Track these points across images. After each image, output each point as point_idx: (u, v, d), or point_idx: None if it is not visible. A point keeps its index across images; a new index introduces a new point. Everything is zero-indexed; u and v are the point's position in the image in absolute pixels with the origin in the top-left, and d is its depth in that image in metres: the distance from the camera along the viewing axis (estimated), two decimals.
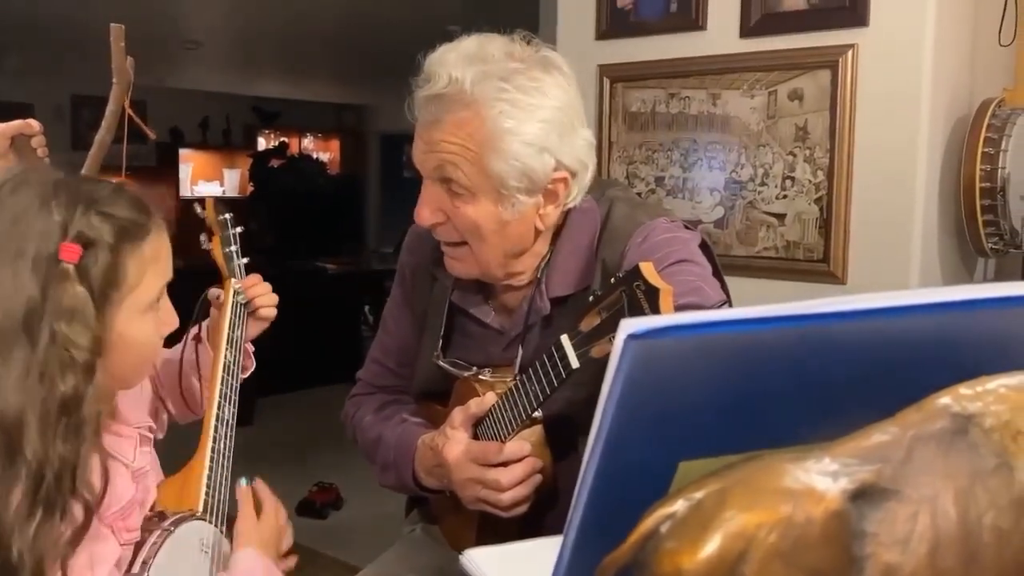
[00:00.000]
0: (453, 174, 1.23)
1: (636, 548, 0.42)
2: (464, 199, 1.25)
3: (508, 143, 1.21)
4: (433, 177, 1.26)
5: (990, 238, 2.24)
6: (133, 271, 1.02)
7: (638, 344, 0.40)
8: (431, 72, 1.24)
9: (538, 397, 1.17)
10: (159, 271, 1.06)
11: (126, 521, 1.07)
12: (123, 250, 1.01)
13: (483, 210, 1.25)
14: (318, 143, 10.52)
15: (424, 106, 1.25)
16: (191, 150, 9.32)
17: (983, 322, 0.48)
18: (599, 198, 1.35)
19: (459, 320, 1.43)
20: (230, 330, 1.31)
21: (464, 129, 1.22)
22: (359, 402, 1.55)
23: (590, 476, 0.44)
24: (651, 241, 1.28)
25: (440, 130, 1.23)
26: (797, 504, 0.41)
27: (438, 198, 1.27)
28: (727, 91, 2.39)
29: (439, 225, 1.29)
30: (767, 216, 2.36)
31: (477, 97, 1.21)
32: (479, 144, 1.21)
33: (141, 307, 1.04)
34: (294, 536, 1.27)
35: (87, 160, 1.70)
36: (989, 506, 0.43)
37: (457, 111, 1.21)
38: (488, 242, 1.28)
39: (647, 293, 1.00)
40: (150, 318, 1.06)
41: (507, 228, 1.27)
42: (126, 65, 1.64)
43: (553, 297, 1.33)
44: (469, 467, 1.24)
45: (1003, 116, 2.19)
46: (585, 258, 1.32)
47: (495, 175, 1.22)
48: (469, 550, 0.95)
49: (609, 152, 2.62)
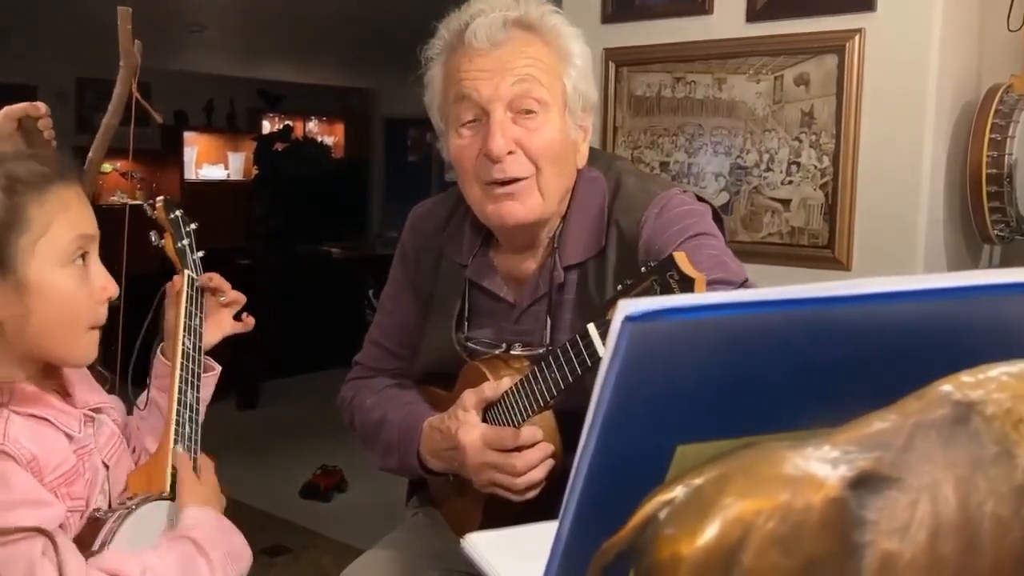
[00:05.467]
0: (533, 86, 1.28)
1: (634, 534, 0.42)
2: (537, 117, 1.29)
3: (573, 60, 1.32)
4: (506, 99, 1.28)
5: (996, 225, 2.23)
6: (37, 216, 1.06)
7: (636, 326, 0.40)
8: (481, 9, 1.30)
9: (558, 384, 1.17)
10: (70, 220, 1.09)
11: (69, 488, 1.09)
12: (21, 195, 1.05)
13: (555, 125, 1.30)
14: (323, 127, 10.50)
15: (484, 33, 1.28)
16: (195, 133, 9.32)
17: (985, 309, 0.47)
18: (606, 170, 1.39)
19: (472, 295, 1.43)
20: (187, 318, 1.33)
21: (533, 47, 1.29)
22: (357, 386, 1.54)
23: (587, 459, 0.44)
24: (668, 213, 1.30)
25: (511, 49, 1.28)
26: (796, 491, 0.41)
27: (509, 126, 1.29)
28: (733, 76, 2.38)
29: (510, 155, 1.29)
30: (772, 202, 2.35)
31: (539, 22, 1.30)
32: (552, 57, 1.30)
33: (57, 257, 1.08)
34: (298, 519, 1.28)
35: (94, 143, 1.70)
36: (989, 494, 0.43)
37: (524, 33, 1.29)
38: (556, 165, 1.31)
39: (681, 283, 1.01)
40: (72, 273, 1.09)
41: (568, 152, 1.33)
42: (133, 48, 1.63)
43: (566, 265, 1.34)
44: (485, 452, 1.24)
45: (1011, 102, 2.18)
46: (596, 225, 1.35)
47: (568, 89, 1.31)
48: (470, 534, 0.96)
49: (614, 137, 2.61)
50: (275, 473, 4.17)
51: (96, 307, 1.13)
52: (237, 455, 1.14)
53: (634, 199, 1.33)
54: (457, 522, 1.42)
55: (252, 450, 4.42)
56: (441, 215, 1.48)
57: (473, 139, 1.30)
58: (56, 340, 1.11)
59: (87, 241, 1.11)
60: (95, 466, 1.15)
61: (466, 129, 1.31)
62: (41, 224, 1.06)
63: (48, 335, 1.09)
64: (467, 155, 1.31)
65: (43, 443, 1.07)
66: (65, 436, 1.11)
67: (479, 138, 1.29)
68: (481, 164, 1.30)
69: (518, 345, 1.37)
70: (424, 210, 1.54)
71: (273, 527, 3.58)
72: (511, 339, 1.38)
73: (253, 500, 3.63)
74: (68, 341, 1.12)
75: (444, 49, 1.34)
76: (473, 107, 1.29)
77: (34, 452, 1.05)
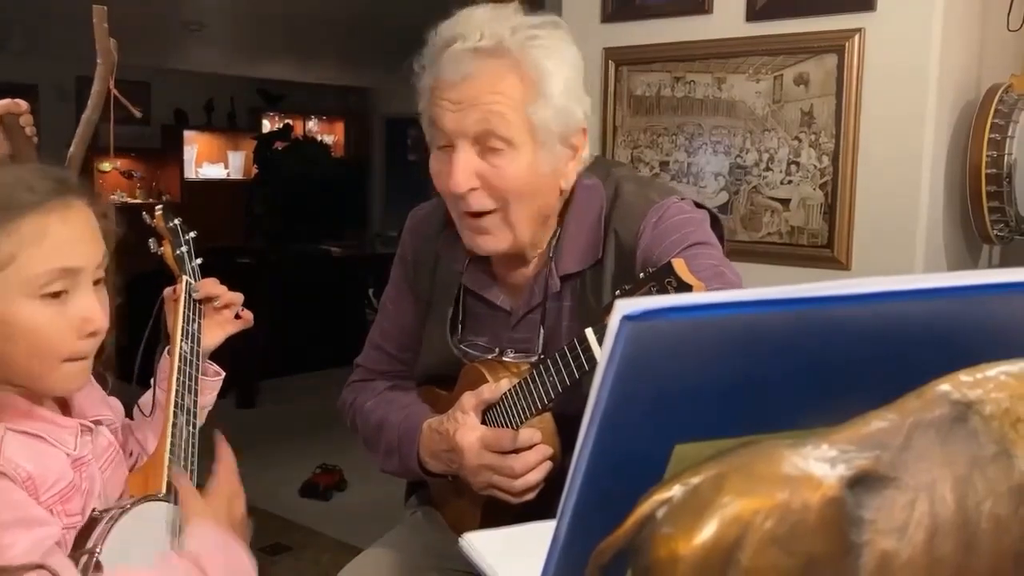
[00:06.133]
0: (497, 125, 1.23)
1: (632, 533, 0.42)
2: (503, 155, 1.25)
3: (551, 85, 1.25)
4: (470, 135, 1.25)
5: (995, 225, 2.23)
6: (4, 247, 0.98)
7: (633, 325, 0.40)
8: (459, 33, 1.25)
9: (556, 388, 1.17)
10: (43, 252, 1.00)
11: (66, 505, 1.06)
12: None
13: (522, 162, 1.25)
14: (323, 126, 10.51)
15: (453, 65, 1.24)
16: (196, 132, 9.32)
17: (984, 308, 0.47)
18: (604, 177, 1.37)
19: (468, 302, 1.43)
20: (185, 323, 1.33)
21: (505, 80, 1.23)
22: (358, 388, 1.55)
23: (584, 458, 0.44)
24: (666, 222, 1.29)
25: (479, 84, 1.23)
26: (794, 490, 0.41)
27: (473, 162, 1.26)
28: (733, 75, 2.38)
29: (472, 192, 1.27)
30: (771, 201, 2.35)
31: (514, 47, 1.24)
32: (523, 91, 1.24)
33: (24, 289, 0.99)
34: (298, 517, 1.28)
35: (74, 139, 1.70)
36: (987, 494, 0.43)
37: (496, 63, 1.23)
38: (524, 200, 1.28)
39: (679, 290, 1.01)
40: (41, 305, 1.01)
41: (540, 183, 1.28)
42: (110, 46, 1.64)
43: (563, 274, 1.34)
44: (482, 454, 1.24)
45: (1010, 102, 2.18)
46: (593, 234, 1.33)
47: (538, 121, 1.25)
48: (468, 534, 0.96)
49: (614, 136, 2.61)
50: (274, 472, 4.16)
51: (75, 341, 1.04)
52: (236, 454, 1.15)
53: (632, 208, 1.32)
54: (456, 522, 1.42)
55: (251, 449, 4.39)
56: (438, 219, 1.48)
57: (444, 166, 1.28)
58: (24, 372, 1.04)
59: (69, 274, 1.02)
60: (92, 476, 1.13)
61: (441, 153, 1.30)
62: (5, 256, 0.98)
63: (13, 367, 1.03)
64: (440, 180, 1.30)
65: (39, 460, 1.04)
66: (59, 451, 1.08)
67: (449, 167, 1.28)
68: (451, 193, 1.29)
69: (511, 351, 1.36)
70: (422, 213, 1.54)
71: (272, 526, 3.58)
72: (506, 346, 1.38)
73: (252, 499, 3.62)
74: (39, 374, 1.05)
75: (429, 63, 1.31)
76: (443, 135, 1.27)
77: (30, 471, 1.02)
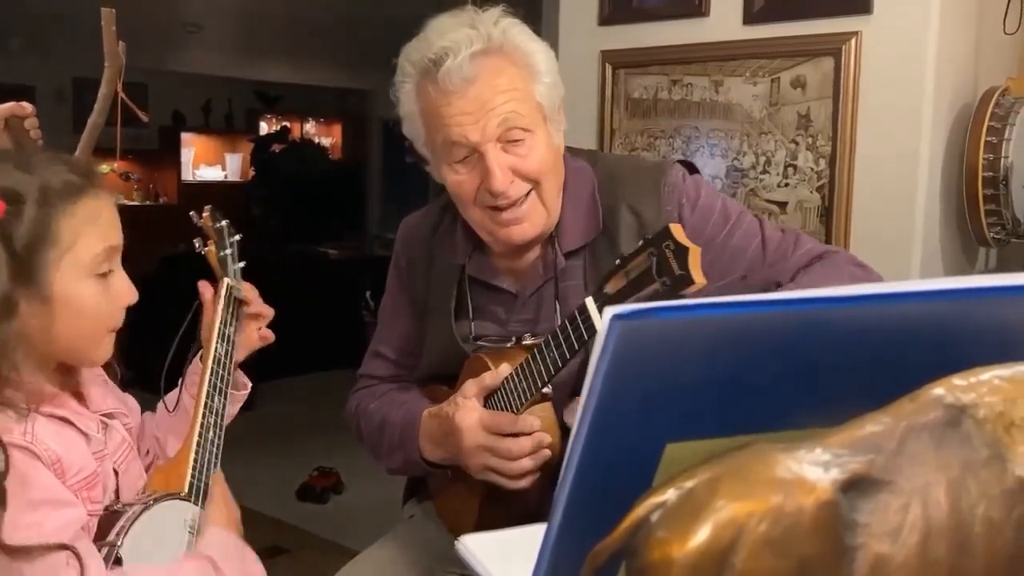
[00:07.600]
0: (516, 120, 1.28)
1: (626, 536, 0.42)
2: (524, 143, 1.29)
3: (539, 63, 1.32)
4: (493, 137, 1.28)
5: (992, 228, 2.23)
6: (66, 230, 1.05)
7: (624, 324, 0.40)
8: (444, 47, 1.27)
9: (556, 363, 1.19)
10: (98, 233, 1.08)
11: (91, 492, 1.10)
12: (52, 208, 1.04)
13: (541, 143, 1.31)
14: (320, 128, 10.49)
15: (456, 79, 1.26)
16: (193, 134, 9.30)
17: (977, 312, 0.47)
18: (593, 163, 1.43)
19: (473, 294, 1.44)
20: (222, 325, 1.33)
21: (504, 74, 1.28)
22: (361, 396, 1.56)
23: (576, 457, 0.44)
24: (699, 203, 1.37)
25: (485, 84, 1.27)
26: (788, 494, 0.41)
27: (502, 158, 1.29)
28: (730, 78, 2.38)
29: (511, 184, 1.30)
30: (768, 204, 2.35)
31: (501, 40, 1.29)
32: (523, 79, 1.30)
33: (82, 269, 1.07)
34: (295, 520, 1.30)
35: (80, 142, 1.70)
36: (981, 497, 0.43)
37: (493, 61, 1.28)
38: (551, 175, 1.33)
39: (676, 252, 1.04)
40: (95, 283, 1.09)
41: (557, 155, 1.35)
42: (118, 49, 1.64)
43: (567, 251, 1.37)
44: (480, 434, 1.26)
45: (1007, 105, 2.18)
46: (590, 210, 1.38)
47: (542, 100, 1.32)
48: (464, 536, 0.96)
49: (611, 139, 2.61)
50: (272, 474, 4.16)
51: (116, 312, 1.14)
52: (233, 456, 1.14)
53: (641, 185, 1.37)
54: (453, 519, 1.43)
55: (248, 451, 4.39)
56: (429, 224, 1.51)
57: (470, 174, 1.31)
58: (79, 345, 1.12)
59: (113, 252, 1.11)
60: (107, 471, 1.15)
61: (461, 166, 1.32)
62: (69, 238, 1.05)
63: (72, 341, 1.11)
64: (466, 188, 1.32)
65: (66, 445, 1.08)
66: (84, 438, 1.12)
67: (476, 173, 1.30)
68: (483, 193, 1.31)
69: (528, 336, 1.37)
70: (413, 221, 1.56)
71: (269, 528, 3.57)
72: (518, 330, 1.39)
73: (249, 501, 3.61)
74: (90, 346, 1.14)
75: (413, 85, 1.33)
76: (464, 148, 1.29)
77: (59, 453, 1.06)
